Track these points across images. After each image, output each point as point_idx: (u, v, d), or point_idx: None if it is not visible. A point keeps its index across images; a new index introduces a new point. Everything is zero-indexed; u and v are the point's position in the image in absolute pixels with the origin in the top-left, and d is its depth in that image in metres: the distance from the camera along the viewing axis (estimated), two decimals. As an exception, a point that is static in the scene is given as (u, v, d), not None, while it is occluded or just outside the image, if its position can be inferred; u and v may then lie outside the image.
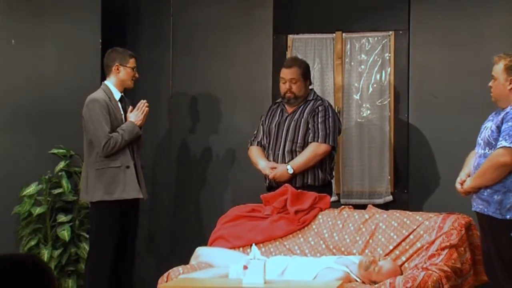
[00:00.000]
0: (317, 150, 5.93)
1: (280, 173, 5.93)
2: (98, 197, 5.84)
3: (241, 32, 6.83)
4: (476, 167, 4.90)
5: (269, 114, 6.21)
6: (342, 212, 5.73)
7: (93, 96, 5.91)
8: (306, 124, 5.99)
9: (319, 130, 5.95)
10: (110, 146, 5.78)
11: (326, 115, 5.98)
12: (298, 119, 6.02)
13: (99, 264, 5.87)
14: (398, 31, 6.54)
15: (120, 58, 5.95)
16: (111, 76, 5.97)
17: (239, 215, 5.87)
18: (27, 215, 6.48)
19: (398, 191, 6.52)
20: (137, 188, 5.88)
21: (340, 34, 6.66)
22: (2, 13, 6.75)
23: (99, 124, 5.79)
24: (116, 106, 5.93)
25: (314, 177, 5.97)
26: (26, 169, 6.58)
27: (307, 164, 5.92)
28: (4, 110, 6.72)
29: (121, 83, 5.97)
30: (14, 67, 6.74)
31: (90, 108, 5.84)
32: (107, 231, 5.85)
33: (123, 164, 5.84)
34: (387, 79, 6.57)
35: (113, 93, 5.94)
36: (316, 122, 5.97)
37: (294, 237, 5.70)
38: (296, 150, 5.98)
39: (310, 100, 6.07)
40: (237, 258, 5.33)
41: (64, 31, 6.76)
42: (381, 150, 6.57)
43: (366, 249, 5.46)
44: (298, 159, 5.93)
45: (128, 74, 5.97)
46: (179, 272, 5.18)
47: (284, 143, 6.02)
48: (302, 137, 5.99)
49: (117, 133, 5.81)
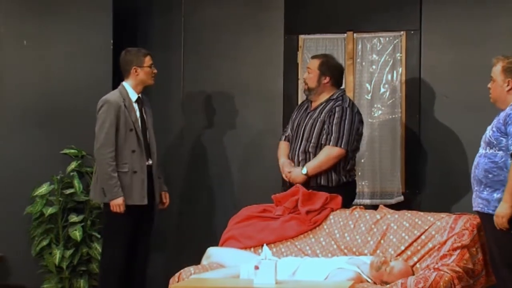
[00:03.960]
0: (330, 153, 5.88)
1: (295, 175, 5.93)
2: (99, 199, 5.94)
3: (252, 32, 6.83)
4: (476, 166, 4.96)
5: (299, 108, 6.21)
6: (354, 213, 5.72)
7: (106, 97, 5.96)
8: (321, 124, 5.94)
9: (333, 132, 5.89)
10: (99, 157, 5.85)
11: (342, 116, 5.90)
12: (316, 117, 5.98)
13: (110, 265, 5.90)
14: (409, 31, 6.53)
15: (136, 61, 5.98)
16: (130, 78, 6.00)
17: (251, 215, 5.87)
18: (39, 215, 6.51)
19: (409, 191, 6.50)
20: (142, 195, 5.90)
21: (352, 34, 6.66)
22: (14, 14, 6.78)
23: (103, 132, 5.84)
24: (130, 107, 5.94)
25: (327, 178, 5.94)
26: (38, 170, 6.61)
27: (320, 167, 5.89)
28: (16, 111, 6.75)
29: (141, 83, 6.01)
30: (26, 68, 6.78)
31: (101, 110, 5.88)
32: (117, 232, 5.88)
33: (130, 170, 5.88)
34: (399, 79, 6.56)
35: (129, 94, 5.97)
36: (331, 124, 5.90)
37: (305, 237, 5.69)
38: (309, 150, 5.96)
39: (332, 100, 6.01)
40: (248, 258, 5.32)
41: (75, 31, 6.78)
42: (393, 150, 6.56)
43: (378, 249, 5.44)
44: (312, 161, 5.91)
45: (147, 74, 6.01)
46: (190, 272, 5.18)
47: (301, 140, 6.01)
48: (316, 136, 5.95)
49: (113, 168, 5.80)
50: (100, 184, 5.86)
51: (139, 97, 6.03)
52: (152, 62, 6.04)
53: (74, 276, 6.51)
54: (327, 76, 6.02)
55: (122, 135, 5.87)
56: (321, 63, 6.03)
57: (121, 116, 5.88)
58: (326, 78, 6.02)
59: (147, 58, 6.01)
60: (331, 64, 6.06)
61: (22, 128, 6.74)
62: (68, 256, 6.42)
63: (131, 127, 5.90)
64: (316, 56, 6.14)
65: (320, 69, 6.02)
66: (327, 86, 6.03)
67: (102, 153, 5.82)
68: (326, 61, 6.05)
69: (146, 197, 5.91)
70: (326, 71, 6.02)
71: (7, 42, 6.77)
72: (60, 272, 6.49)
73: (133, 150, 5.89)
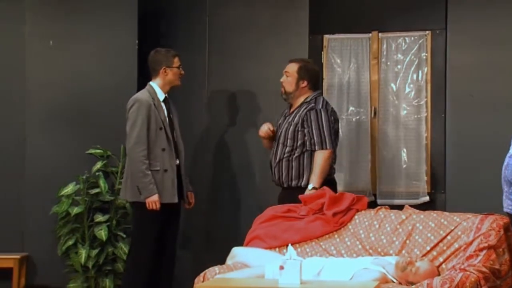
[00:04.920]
0: (323, 157, 5.97)
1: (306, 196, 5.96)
2: (133, 198, 5.95)
3: (276, 32, 6.83)
4: (506, 167, 4.90)
5: (281, 114, 6.31)
6: (379, 213, 5.70)
7: (136, 96, 6.00)
8: (294, 127, 6.03)
9: (314, 136, 5.98)
10: (131, 156, 5.88)
11: (318, 119, 5.99)
12: (291, 121, 6.08)
13: (138, 264, 5.94)
14: (434, 30, 6.51)
15: (165, 61, 6.04)
16: (158, 78, 6.05)
17: (275, 215, 5.85)
18: (65, 215, 6.55)
19: (435, 191, 6.49)
20: (172, 193, 5.95)
21: (376, 34, 6.65)
22: (41, 15, 6.83)
23: (135, 131, 5.87)
24: (159, 107, 5.99)
25: (298, 178, 6.03)
26: (64, 169, 6.65)
27: (323, 173, 5.97)
28: (42, 111, 6.81)
29: (168, 84, 6.07)
30: (52, 68, 6.82)
31: (132, 109, 5.92)
32: (146, 231, 5.92)
33: (161, 168, 5.92)
34: (424, 79, 6.54)
35: (158, 94, 6.02)
36: (310, 128, 5.99)
37: (330, 237, 5.67)
38: (284, 156, 6.04)
39: (305, 103, 6.10)
40: (273, 258, 5.28)
41: (101, 32, 6.82)
42: (418, 150, 6.55)
43: (403, 249, 5.41)
44: (313, 174, 5.97)
45: (175, 75, 6.08)
46: (215, 272, 5.17)
47: (277, 145, 6.13)
48: (291, 139, 6.05)
49: (146, 166, 5.84)
50: (134, 183, 5.88)
51: (166, 97, 6.07)
52: (180, 63, 6.10)
53: (100, 275, 6.54)
54: (305, 80, 6.10)
55: (153, 134, 5.92)
56: (300, 67, 6.11)
57: (152, 115, 5.92)
58: (304, 82, 6.11)
59: (176, 59, 6.08)
60: (309, 68, 6.14)
61: (48, 129, 6.79)
62: (94, 256, 6.45)
63: (161, 126, 5.95)
64: (294, 60, 6.19)
65: (299, 73, 6.10)
66: (305, 89, 6.12)
67: (135, 151, 5.86)
68: (304, 65, 6.14)
69: (176, 195, 5.97)
70: (305, 75, 6.10)
71: (34, 42, 6.82)
72: (85, 271, 6.52)
73: (163, 148, 5.94)
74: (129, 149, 5.91)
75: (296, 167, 6.05)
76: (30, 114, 6.80)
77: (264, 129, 6.22)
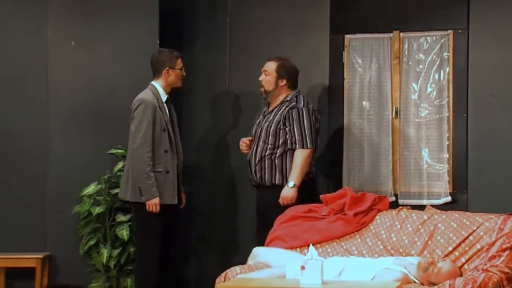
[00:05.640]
0: (302, 155, 5.99)
1: (285, 193, 5.97)
2: (133, 198, 5.99)
3: (297, 32, 6.81)
4: None
5: (259, 113, 6.33)
6: (400, 213, 5.69)
7: (141, 96, 6.01)
8: (276, 124, 6.04)
9: (296, 135, 6.00)
10: (136, 157, 5.90)
11: (300, 118, 6.01)
12: (272, 119, 6.09)
13: (147, 264, 5.97)
14: (456, 30, 6.47)
15: (169, 62, 6.07)
16: (160, 78, 6.08)
17: (296, 215, 5.86)
18: (86, 214, 6.56)
19: (457, 191, 6.44)
20: (172, 194, 6.00)
21: (398, 34, 6.62)
22: (62, 16, 6.85)
23: (141, 132, 5.89)
24: (163, 108, 6.03)
25: (281, 177, 6.03)
26: (86, 170, 6.68)
27: (302, 171, 5.98)
28: (64, 111, 6.83)
29: (170, 85, 6.11)
30: (74, 68, 6.84)
31: (138, 110, 5.95)
32: (150, 230, 5.97)
33: (164, 169, 5.95)
34: (446, 79, 6.50)
35: (160, 95, 6.05)
36: (292, 126, 6.01)
37: (351, 237, 5.68)
38: (266, 154, 6.04)
39: (286, 101, 6.11)
40: (294, 258, 5.32)
41: (122, 32, 6.82)
42: (440, 150, 6.51)
43: (425, 250, 5.41)
44: (292, 171, 5.99)
45: (178, 76, 6.12)
46: (236, 272, 5.18)
47: (257, 143, 6.12)
48: (272, 137, 6.06)
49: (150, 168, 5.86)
50: (136, 184, 5.92)
51: (168, 98, 6.12)
52: (183, 65, 6.13)
53: (121, 275, 6.55)
54: (284, 79, 6.13)
55: (157, 135, 5.96)
56: (278, 66, 6.14)
57: (157, 116, 5.96)
58: (283, 81, 6.14)
59: (179, 60, 6.12)
60: (288, 67, 6.16)
61: (70, 129, 6.80)
62: (116, 255, 6.47)
63: (165, 128, 5.99)
64: (272, 59, 6.21)
65: (278, 71, 6.13)
66: (284, 88, 6.15)
67: (140, 153, 5.89)
68: (283, 63, 6.15)
69: (176, 197, 6.03)
70: (283, 74, 6.13)
71: (56, 43, 6.84)
72: (107, 271, 6.54)
73: (165, 150, 5.98)
74: (134, 149, 5.93)
75: (279, 165, 6.06)
76: (52, 114, 6.82)
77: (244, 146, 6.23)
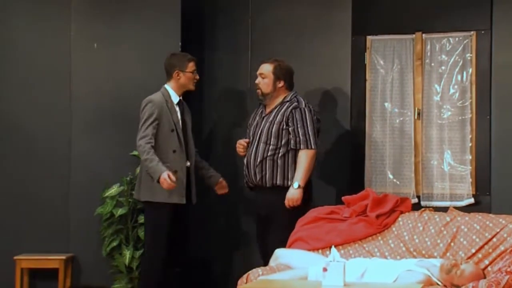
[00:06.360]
0: (307, 156, 5.96)
1: (291, 194, 5.93)
2: (145, 197, 6.05)
3: (319, 33, 6.79)
4: None
5: (253, 115, 6.30)
6: (423, 215, 5.68)
7: (150, 97, 6.10)
8: (278, 125, 6.02)
9: (299, 135, 5.97)
10: (139, 149, 5.96)
11: (303, 118, 5.99)
12: (272, 120, 6.06)
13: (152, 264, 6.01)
14: (480, 31, 6.42)
15: (179, 65, 6.12)
16: (172, 81, 6.15)
17: (318, 217, 5.87)
18: (109, 216, 6.58)
19: (480, 193, 6.40)
20: (181, 194, 6.02)
21: (420, 35, 6.58)
22: (85, 17, 6.87)
23: (144, 126, 5.96)
24: (172, 109, 6.08)
25: (283, 177, 6.00)
26: (108, 171, 6.70)
27: (308, 172, 5.96)
28: (86, 113, 6.85)
29: (181, 87, 6.16)
30: (96, 70, 6.86)
31: (145, 109, 6.02)
32: (157, 231, 6.00)
33: (171, 169, 5.96)
34: (469, 80, 6.45)
35: (171, 97, 6.12)
36: (295, 127, 5.99)
37: (373, 239, 5.68)
38: (268, 152, 6.00)
39: (286, 102, 6.09)
40: (316, 260, 5.32)
41: (144, 34, 6.84)
42: (462, 152, 6.47)
43: (448, 252, 5.40)
44: (297, 172, 5.95)
45: (189, 79, 6.15)
46: (258, 273, 5.18)
47: (257, 144, 6.08)
48: (275, 138, 6.03)
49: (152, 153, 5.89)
50: (145, 177, 5.98)
51: (180, 100, 6.16)
52: (195, 68, 6.18)
53: (144, 276, 6.57)
54: (281, 80, 6.12)
55: (164, 135, 6.01)
56: (275, 68, 6.12)
57: (164, 116, 6.02)
58: (281, 82, 6.13)
59: (190, 64, 6.15)
60: (284, 67, 6.15)
61: (93, 130, 6.83)
62: (138, 257, 6.48)
63: (173, 128, 6.04)
64: (267, 61, 6.18)
65: (275, 73, 6.11)
66: (282, 89, 6.14)
67: (140, 144, 5.94)
68: (279, 65, 6.13)
69: (184, 197, 6.04)
70: (280, 75, 6.11)
71: (78, 44, 6.86)
72: (130, 272, 6.54)
73: (174, 150, 6.02)
74: (137, 141, 5.98)
75: (282, 166, 6.03)
76: (75, 116, 6.85)
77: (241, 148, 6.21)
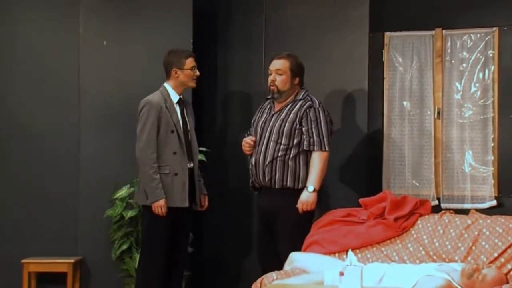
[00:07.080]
0: (321, 158, 5.80)
1: (305, 198, 5.77)
2: (143, 201, 5.97)
3: (336, 30, 6.74)
4: None
5: (259, 111, 6.12)
6: (443, 217, 5.64)
7: (148, 98, 6.01)
8: (291, 125, 5.83)
9: (314, 136, 5.80)
10: (140, 159, 5.89)
11: (318, 118, 5.82)
12: (284, 118, 5.87)
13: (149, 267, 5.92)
14: (502, 27, 6.36)
15: (176, 62, 6.02)
16: (170, 79, 6.06)
17: (334, 219, 5.83)
18: (119, 218, 6.54)
19: (502, 195, 6.34)
20: (183, 197, 5.94)
21: (440, 31, 6.53)
22: (94, 15, 6.86)
23: (144, 135, 5.88)
24: (172, 108, 5.99)
25: (294, 179, 5.82)
26: (118, 173, 6.67)
27: (322, 175, 5.80)
28: (96, 113, 6.83)
29: (181, 85, 6.06)
30: (106, 69, 6.85)
31: (143, 111, 5.93)
32: (156, 234, 5.92)
33: (171, 171, 5.91)
34: (491, 78, 6.42)
35: (171, 96, 6.03)
36: (309, 127, 5.81)
37: (392, 243, 5.63)
38: (278, 154, 5.81)
39: (299, 100, 5.91)
40: (332, 264, 5.26)
41: (156, 32, 6.81)
42: (484, 152, 6.42)
43: (469, 256, 5.35)
44: (311, 175, 5.78)
45: (187, 76, 6.05)
46: (273, 277, 5.14)
47: (267, 143, 5.88)
48: (286, 137, 5.83)
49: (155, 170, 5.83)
50: (142, 186, 5.92)
51: (181, 98, 6.07)
52: (194, 65, 6.06)
53: (154, 280, 6.49)
54: (297, 77, 5.93)
55: (163, 137, 5.93)
56: (291, 64, 5.91)
57: (162, 117, 5.93)
58: (296, 79, 5.94)
59: (188, 60, 6.03)
60: (299, 63, 5.96)
61: (102, 131, 6.81)
62: (148, 261, 6.40)
63: (172, 129, 5.94)
64: (282, 57, 5.95)
65: (292, 69, 5.90)
66: (296, 86, 5.95)
67: (143, 155, 5.87)
68: (295, 61, 5.94)
69: (187, 199, 5.95)
70: (297, 72, 5.92)
71: (87, 42, 6.85)
72: (140, 276, 6.47)
73: (174, 151, 5.94)
74: (139, 151, 5.91)
75: (292, 167, 5.84)
76: (84, 116, 6.83)
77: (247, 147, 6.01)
